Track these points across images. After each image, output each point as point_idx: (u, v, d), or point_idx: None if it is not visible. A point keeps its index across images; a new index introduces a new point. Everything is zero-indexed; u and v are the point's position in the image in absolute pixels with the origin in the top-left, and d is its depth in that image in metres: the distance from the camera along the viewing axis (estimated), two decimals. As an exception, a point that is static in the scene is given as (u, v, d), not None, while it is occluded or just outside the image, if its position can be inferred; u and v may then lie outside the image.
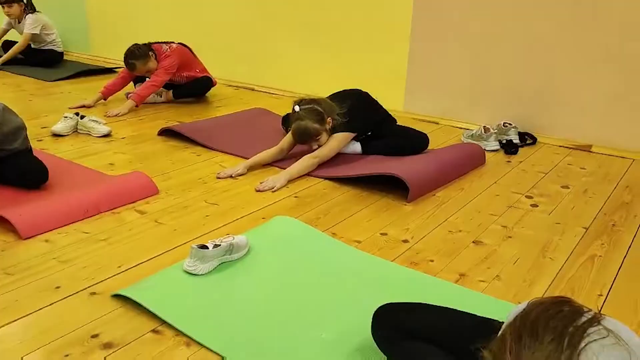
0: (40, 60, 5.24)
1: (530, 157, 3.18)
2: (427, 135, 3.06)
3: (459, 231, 2.24)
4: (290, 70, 4.46)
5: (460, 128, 3.68)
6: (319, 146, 2.82)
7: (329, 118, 2.81)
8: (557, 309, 1.00)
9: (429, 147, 3.05)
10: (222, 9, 4.72)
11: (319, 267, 1.93)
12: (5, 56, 5.12)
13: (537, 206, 2.51)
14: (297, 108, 2.79)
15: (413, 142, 3.00)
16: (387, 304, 1.46)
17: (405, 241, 2.15)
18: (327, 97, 2.95)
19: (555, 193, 2.67)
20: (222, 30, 4.77)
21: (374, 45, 4.00)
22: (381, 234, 2.20)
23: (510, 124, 3.40)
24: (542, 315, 0.98)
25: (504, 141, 3.32)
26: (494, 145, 3.26)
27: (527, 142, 3.40)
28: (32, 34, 5.16)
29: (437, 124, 3.79)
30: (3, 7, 5.23)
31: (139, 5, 5.25)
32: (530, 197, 2.60)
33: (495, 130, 3.33)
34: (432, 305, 1.47)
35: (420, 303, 1.48)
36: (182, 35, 4.51)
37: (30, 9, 5.25)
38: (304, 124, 2.74)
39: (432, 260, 2.00)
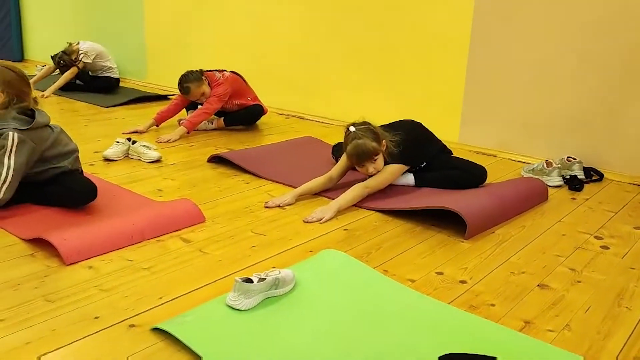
0: (97, 86, 5.36)
1: (597, 194, 2.97)
2: (485, 168, 2.91)
3: (522, 273, 2.07)
4: (341, 99, 4.40)
5: (520, 162, 3.50)
6: (375, 169, 2.70)
7: (384, 141, 2.70)
8: None
9: (487, 181, 2.89)
10: (274, 38, 4.73)
11: (369, 307, 1.80)
12: (57, 84, 5.23)
13: (608, 248, 2.30)
14: (352, 128, 2.69)
15: (470, 175, 2.85)
16: (448, 354, 1.32)
17: (463, 282, 1.99)
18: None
19: (627, 234, 2.45)
20: (274, 59, 4.77)
21: (429, 75, 3.89)
22: (437, 272, 2.06)
23: (574, 159, 3.20)
24: None
25: (568, 176, 3.12)
26: (557, 180, 3.07)
27: (593, 178, 3.18)
28: (85, 62, 5.29)
29: (495, 156, 3.62)
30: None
31: (193, 34, 5.34)
32: (599, 238, 2.40)
33: (559, 165, 3.14)
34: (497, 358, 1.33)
35: (483, 355, 1.34)
36: (235, 64, 4.52)
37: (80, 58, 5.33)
38: (362, 142, 2.63)
39: (493, 304, 1.84)
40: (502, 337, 1.66)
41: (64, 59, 5.24)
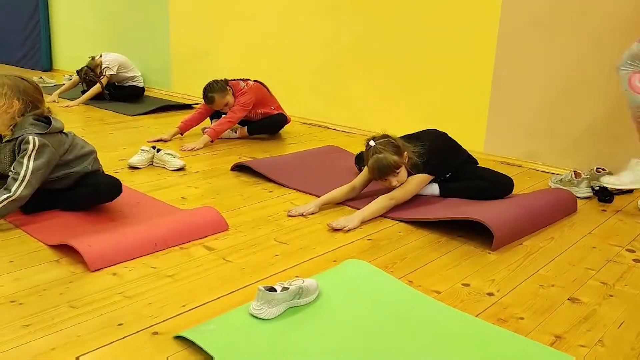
0: (123, 95, 5.42)
1: (627, 206, 2.90)
2: (512, 178, 2.85)
3: (552, 286, 2.02)
4: (364, 108, 4.38)
5: (547, 172, 3.43)
6: (398, 182, 2.67)
7: (406, 153, 2.67)
8: None
9: (513, 192, 2.84)
10: (297, 47, 4.74)
11: (394, 318, 1.77)
12: (84, 96, 5.29)
13: (641, 262, 2.24)
14: (372, 143, 2.67)
15: (496, 185, 2.80)
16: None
17: (491, 294, 1.95)
18: (400, 137, 2.81)
19: (660, 248, 2.39)
20: (297, 69, 4.78)
21: (454, 84, 3.85)
22: (463, 284, 2.01)
23: (603, 169, 3.13)
24: None
25: (597, 187, 3.05)
26: (586, 191, 3.00)
27: (624, 189, 3.10)
28: (109, 75, 5.36)
29: (521, 167, 3.56)
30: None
31: (217, 44, 5.38)
32: (632, 251, 2.33)
33: (587, 176, 3.07)
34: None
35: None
36: (258, 73, 4.54)
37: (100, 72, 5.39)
38: (382, 156, 2.60)
39: (522, 318, 1.79)
40: (533, 351, 1.61)
41: (89, 75, 5.34)
